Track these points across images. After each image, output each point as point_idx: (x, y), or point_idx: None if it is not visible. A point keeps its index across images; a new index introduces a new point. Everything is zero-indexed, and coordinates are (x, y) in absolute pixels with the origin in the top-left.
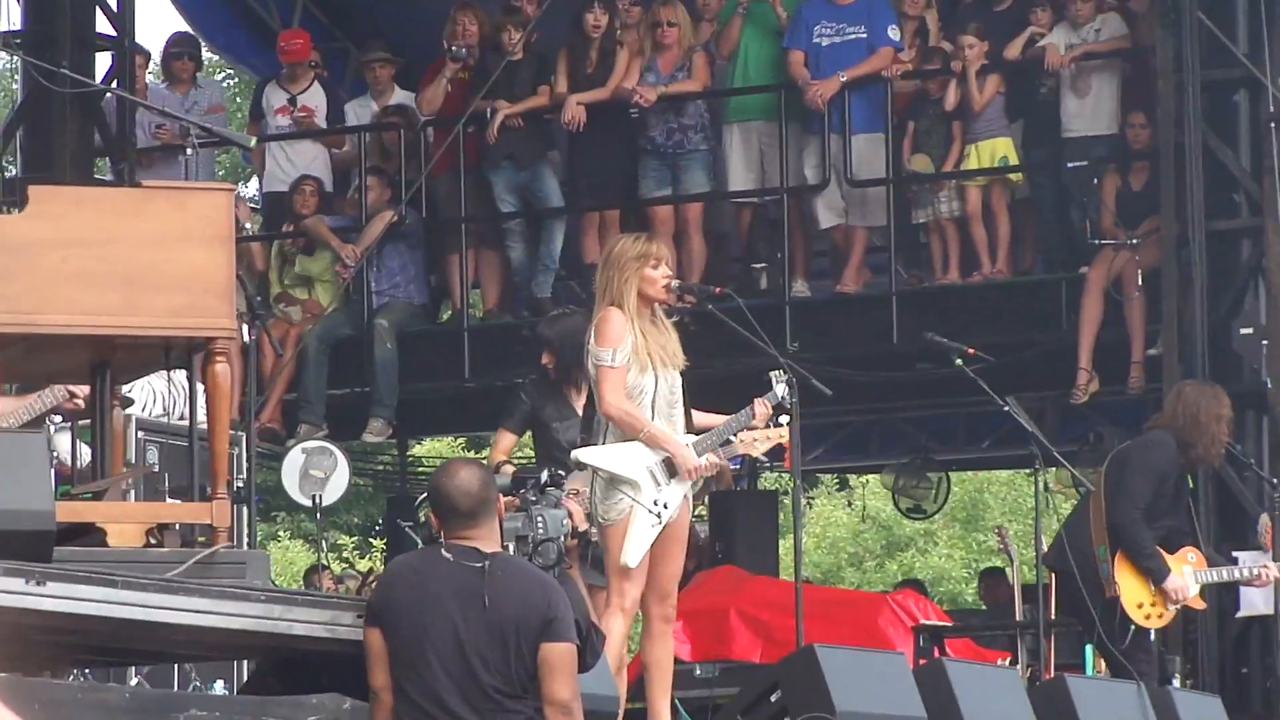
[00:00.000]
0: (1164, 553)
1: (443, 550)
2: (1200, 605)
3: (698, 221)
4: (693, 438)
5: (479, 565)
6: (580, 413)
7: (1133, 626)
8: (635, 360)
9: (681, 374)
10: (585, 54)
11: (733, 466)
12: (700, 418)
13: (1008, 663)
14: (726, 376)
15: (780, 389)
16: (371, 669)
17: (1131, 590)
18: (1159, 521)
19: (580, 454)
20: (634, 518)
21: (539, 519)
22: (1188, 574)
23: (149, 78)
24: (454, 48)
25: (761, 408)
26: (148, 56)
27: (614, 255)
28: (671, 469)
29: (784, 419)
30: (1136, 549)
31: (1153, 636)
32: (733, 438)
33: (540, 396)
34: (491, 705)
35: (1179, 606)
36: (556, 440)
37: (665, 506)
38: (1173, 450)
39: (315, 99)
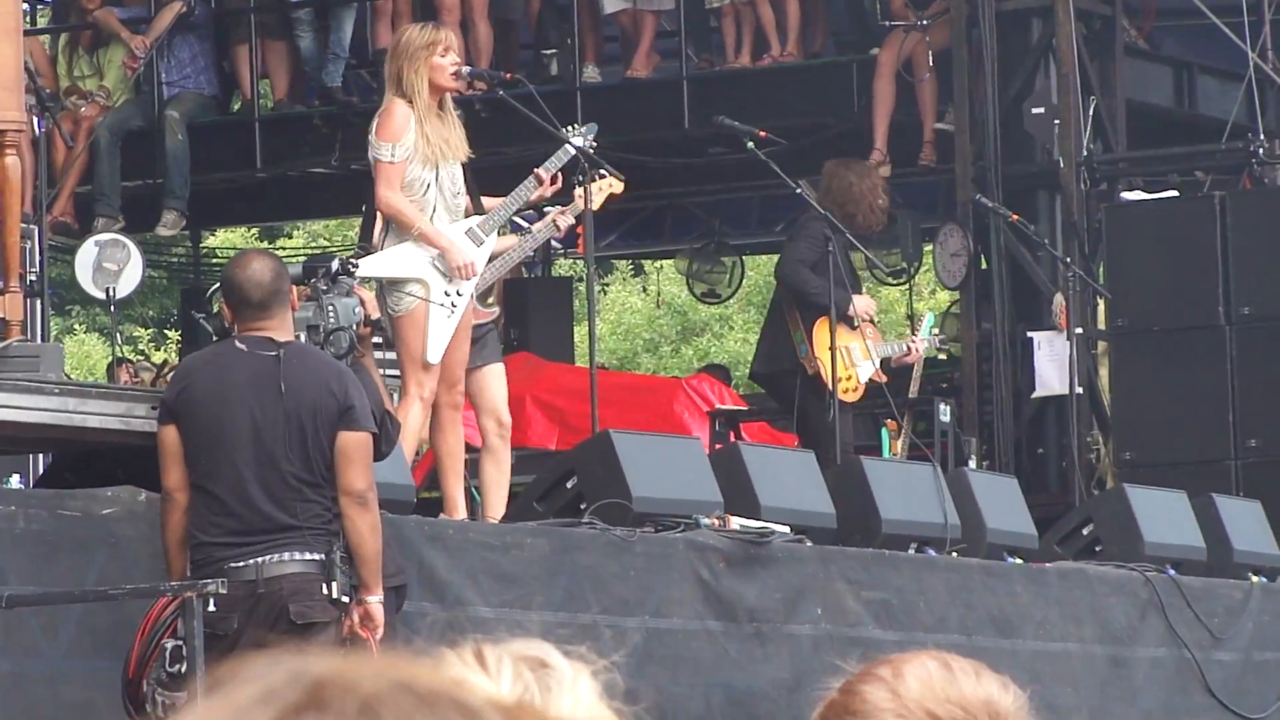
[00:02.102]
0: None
1: (236, 342)
2: (882, 378)
3: (484, 8)
4: (477, 219)
5: (274, 354)
6: None
7: (834, 398)
8: (417, 154)
9: (465, 165)
10: None
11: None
12: (491, 203)
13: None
14: (519, 162)
15: (568, 148)
16: (165, 467)
17: (828, 363)
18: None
19: (363, 265)
20: (429, 313)
21: (330, 308)
22: (870, 347)
23: None
24: None
25: (544, 173)
26: None
27: (402, 45)
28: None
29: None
30: (806, 286)
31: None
32: (525, 224)
33: None
34: (292, 494)
35: (867, 379)
36: None
37: (459, 294)
38: (823, 231)
39: None
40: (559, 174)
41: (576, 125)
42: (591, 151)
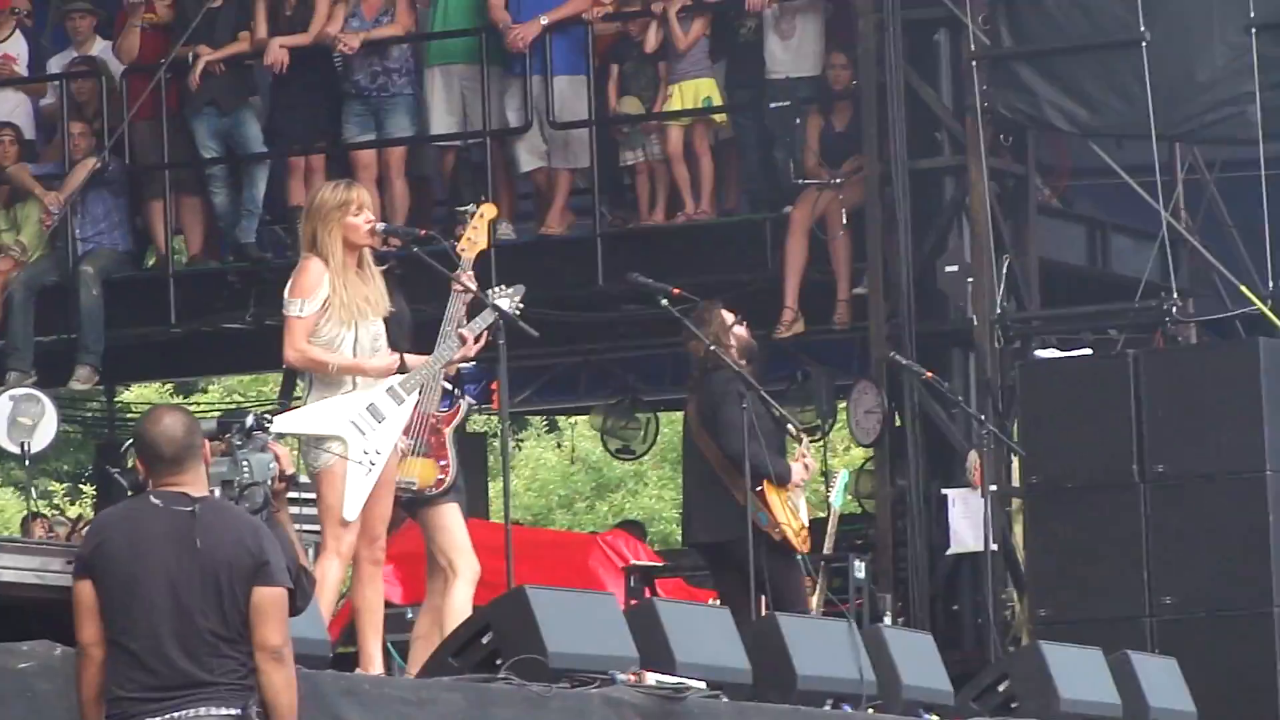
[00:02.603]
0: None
1: (151, 498)
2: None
3: (400, 165)
4: (398, 377)
5: (189, 509)
6: None
7: (799, 556)
8: (333, 313)
9: (386, 321)
10: None
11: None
12: (412, 360)
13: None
14: (436, 318)
15: (491, 308)
16: (80, 623)
17: (787, 519)
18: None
19: (278, 423)
20: (348, 471)
21: (244, 463)
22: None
23: None
24: None
25: (468, 334)
26: None
27: (315, 206)
28: (377, 414)
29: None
30: (763, 463)
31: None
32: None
33: None
34: (207, 649)
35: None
36: None
37: (378, 453)
38: (738, 389)
39: (16, 47)
40: (483, 334)
41: (504, 286)
42: (516, 314)
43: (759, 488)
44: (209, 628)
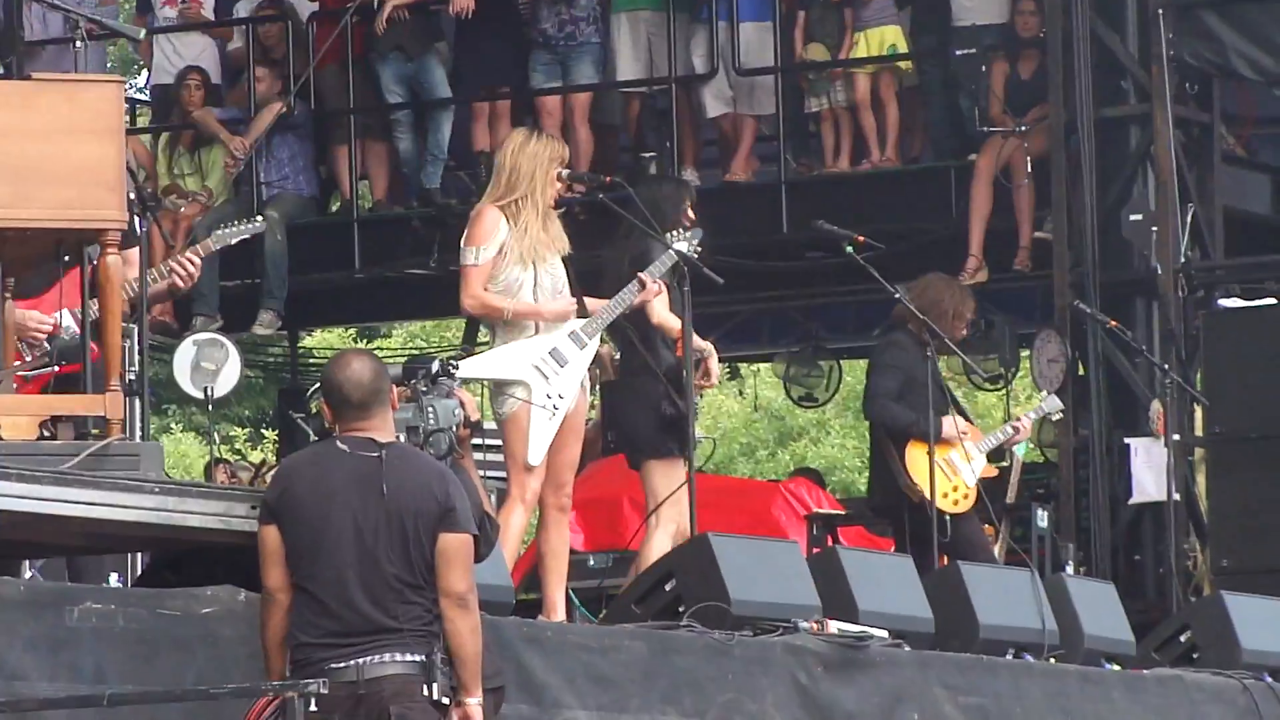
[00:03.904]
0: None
1: (338, 442)
2: (993, 472)
3: (584, 112)
4: (580, 321)
5: (375, 455)
6: None
7: (948, 518)
8: (511, 256)
9: (565, 260)
10: None
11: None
12: (592, 304)
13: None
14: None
15: (671, 253)
16: (265, 568)
17: (928, 486)
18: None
19: (463, 368)
20: (531, 415)
21: (430, 409)
22: (970, 449)
23: None
24: None
25: (647, 278)
26: None
27: (529, 153)
28: (559, 358)
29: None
30: (896, 422)
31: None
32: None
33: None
34: (393, 595)
35: (976, 479)
36: None
37: (561, 397)
38: (908, 345)
39: None
40: (661, 278)
41: (683, 230)
42: (695, 257)
43: (905, 446)
44: (394, 573)
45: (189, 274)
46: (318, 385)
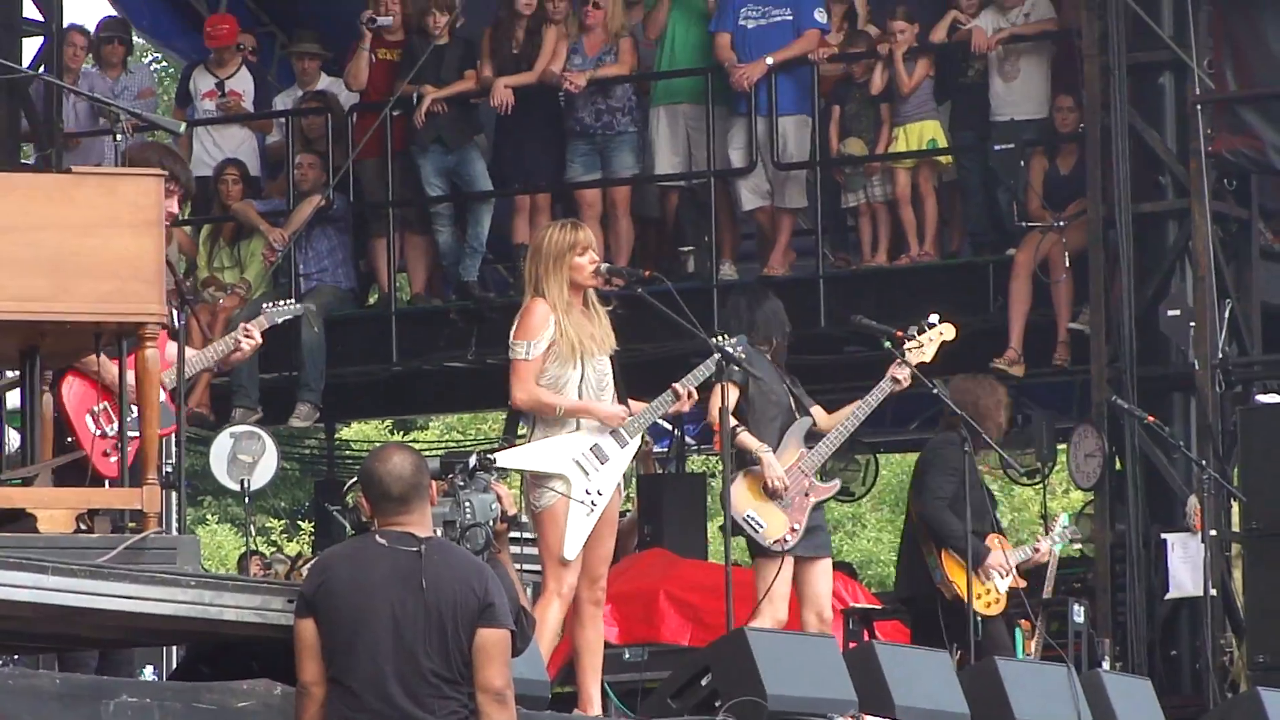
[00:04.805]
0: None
1: (377, 537)
2: (1021, 583)
3: (625, 204)
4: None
5: (415, 549)
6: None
7: (980, 618)
8: (559, 351)
9: (611, 358)
10: (509, 36)
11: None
12: (635, 406)
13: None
14: (654, 360)
15: (709, 363)
16: (301, 662)
17: (964, 584)
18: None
19: (502, 458)
20: (569, 510)
21: (467, 504)
22: (1003, 559)
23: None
24: (370, 18)
25: (681, 388)
26: (88, 35)
27: (543, 246)
28: (600, 454)
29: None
30: (949, 534)
31: (1000, 623)
32: (667, 424)
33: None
34: (430, 691)
35: (1007, 587)
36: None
37: (600, 493)
38: (958, 447)
39: (243, 83)
40: (693, 389)
41: (726, 335)
42: (743, 358)
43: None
44: (431, 668)
45: (257, 343)
46: (355, 479)
